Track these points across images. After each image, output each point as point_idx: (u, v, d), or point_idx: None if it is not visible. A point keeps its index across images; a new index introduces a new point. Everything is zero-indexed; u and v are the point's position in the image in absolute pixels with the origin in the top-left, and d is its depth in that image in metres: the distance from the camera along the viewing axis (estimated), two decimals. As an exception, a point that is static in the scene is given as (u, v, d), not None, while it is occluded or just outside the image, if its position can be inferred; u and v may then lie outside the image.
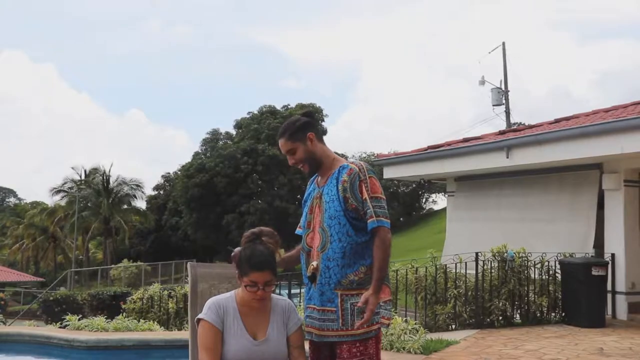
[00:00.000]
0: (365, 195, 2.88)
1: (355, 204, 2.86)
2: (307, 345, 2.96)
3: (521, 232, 10.55)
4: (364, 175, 2.91)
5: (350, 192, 2.87)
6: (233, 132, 45.95)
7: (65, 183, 48.72)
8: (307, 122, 3.06)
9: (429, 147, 12.18)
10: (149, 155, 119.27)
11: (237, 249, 2.87)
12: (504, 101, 28.40)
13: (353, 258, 2.85)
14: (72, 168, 52.09)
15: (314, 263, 2.91)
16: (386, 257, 2.86)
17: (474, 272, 8.47)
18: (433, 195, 48.33)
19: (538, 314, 8.76)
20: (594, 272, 8.43)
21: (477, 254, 8.46)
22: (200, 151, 46.03)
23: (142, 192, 49.71)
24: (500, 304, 8.46)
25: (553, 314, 8.88)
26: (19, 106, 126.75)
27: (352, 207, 2.87)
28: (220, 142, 45.63)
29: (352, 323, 2.81)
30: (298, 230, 3.13)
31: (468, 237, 11.35)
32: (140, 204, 51.25)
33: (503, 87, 28.32)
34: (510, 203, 11.41)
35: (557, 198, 10.57)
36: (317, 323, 2.90)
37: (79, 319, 7.50)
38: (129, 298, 10.82)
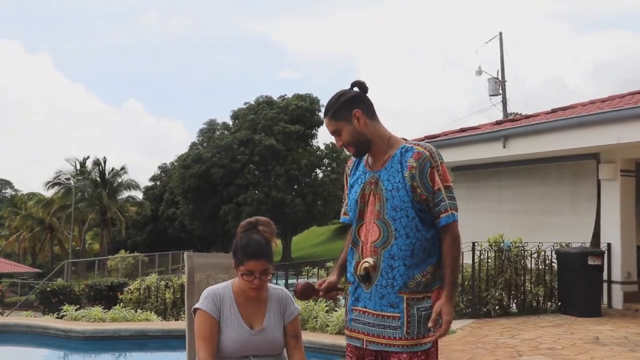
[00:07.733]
0: (439, 185, 2.49)
1: (425, 194, 2.48)
2: (348, 350, 2.68)
3: (519, 222, 10.55)
4: (436, 160, 2.50)
5: (420, 181, 2.47)
6: (230, 122, 45.83)
7: (60, 175, 48.68)
8: (353, 96, 2.56)
9: (426, 137, 12.15)
10: (146, 146, 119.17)
11: None
12: (500, 91, 28.30)
13: (421, 256, 2.50)
14: (67, 160, 51.99)
15: (369, 260, 2.50)
16: (459, 256, 2.56)
17: (470, 262, 8.48)
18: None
19: (534, 304, 8.80)
20: (590, 261, 8.45)
21: (473, 243, 8.47)
22: (197, 142, 45.91)
23: (136, 183, 49.73)
24: (497, 294, 8.48)
25: (549, 304, 8.91)
26: (14, 97, 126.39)
27: (421, 197, 2.48)
28: (217, 133, 45.48)
29: (419, 332, 2.46)
30: (344, 218, 2.73)
31: (465, 227, 11.27)
32: (136, 194, 51.35)
33: (500, 77, 28.25)
34: (507, 193, 11.42)
35: (555, 188, 10.57)
36: (374, 330, 2.52)
37: (76, 310, 7.50)
38: (126, 288, 10.85)
